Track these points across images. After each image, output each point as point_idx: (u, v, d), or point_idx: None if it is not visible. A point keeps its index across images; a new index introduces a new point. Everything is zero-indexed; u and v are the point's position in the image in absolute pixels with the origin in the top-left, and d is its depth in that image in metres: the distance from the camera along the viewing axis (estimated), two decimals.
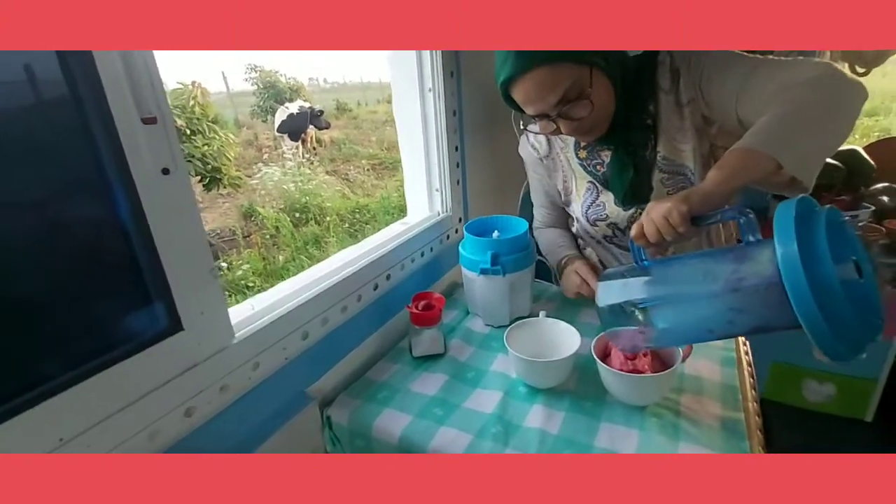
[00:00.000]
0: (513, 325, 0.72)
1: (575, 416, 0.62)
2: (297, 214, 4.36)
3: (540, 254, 0.94)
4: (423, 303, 0.78)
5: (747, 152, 0.55)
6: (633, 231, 0.58)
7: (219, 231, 4.62)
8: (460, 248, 0.85)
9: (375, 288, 0.79)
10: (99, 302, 0.44)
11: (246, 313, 0.60)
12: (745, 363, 0.72)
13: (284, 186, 4.60)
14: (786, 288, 0.42)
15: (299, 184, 4.67)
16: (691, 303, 0.52)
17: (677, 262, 0.57)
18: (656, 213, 0.56)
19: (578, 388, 0.68)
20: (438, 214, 1.02)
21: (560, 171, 0.88)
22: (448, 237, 1.02)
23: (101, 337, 0.43)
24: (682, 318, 0.53)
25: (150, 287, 0.46)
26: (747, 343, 0.77)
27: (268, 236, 3.89)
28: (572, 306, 0.90)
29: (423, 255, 0.93)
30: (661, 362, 0.63)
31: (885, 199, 1.45)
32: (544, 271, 1.01)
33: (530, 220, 0.96)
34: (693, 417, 0.60)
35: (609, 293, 0.58)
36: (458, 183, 1.03)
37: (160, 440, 0.48)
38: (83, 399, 0.42)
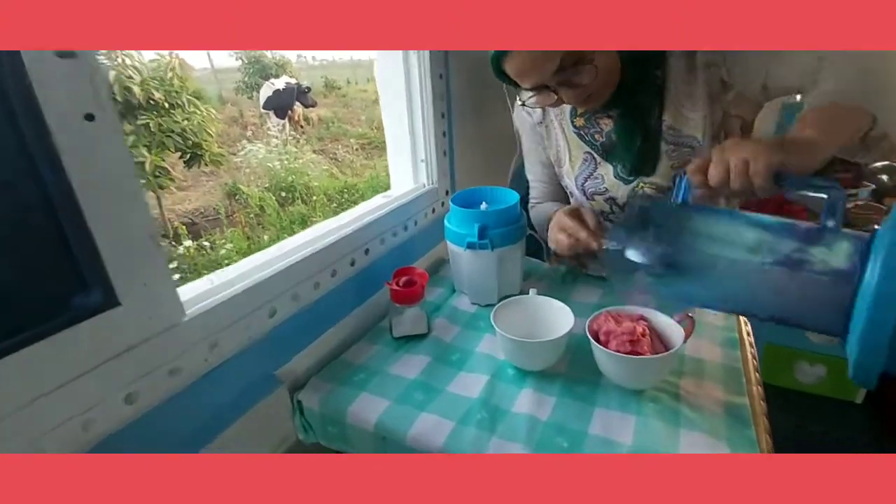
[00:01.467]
0: (501, 303, 0.66)
1: (567, 400, 0.57)
2: (283, 194, 4.25)
3: (532, 228, 0.88)
4: (404, 279, 0.72)
5: (850, 108, 0.48)
6: (694, 164, 0.49)
7: (202, 210, 4.50)
8: (446, 220, 0.79)
9: (352, 263, 0.73)
10: (8, 268, 0.37)
11: (202, 288, 0.53)
12: (747, 344, 0.67)
13: (269, 165, 4.47)
14: (867, 294, 0.37)
15: (285, 162, 4.54)
16: (725, 265, 0.46)
17: (727, 215, 0.50)
18: (736, 154, 0.46)
19: (571, 370, 0.63)
20: (424, 186, 0.96)
21: (553, 139, 0.81)
22: (434, 211, 0.95)
23: (10, 311, 0.37)
24: (705, 278, 0.47)
25: (75, 253, 0.39)
26: (748, 323, 0.73)
27: (252, 215, 3.79)
28: (565, 284, 0.85)
29: (406, 229, 0.86)
30: (661, 343, 0.58)
31: (885, 177, 1.42)
32: (536, 248, 0.95)
33: (522, 194, 0.90)
34: (694, 402, 0.56)
35: (629, 250, 0.51)
36: (444, 154, 0.97)
37: (96, 429, 0.42)
38: None
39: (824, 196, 0.43)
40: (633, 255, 0.50)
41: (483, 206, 0.79)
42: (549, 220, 0.76)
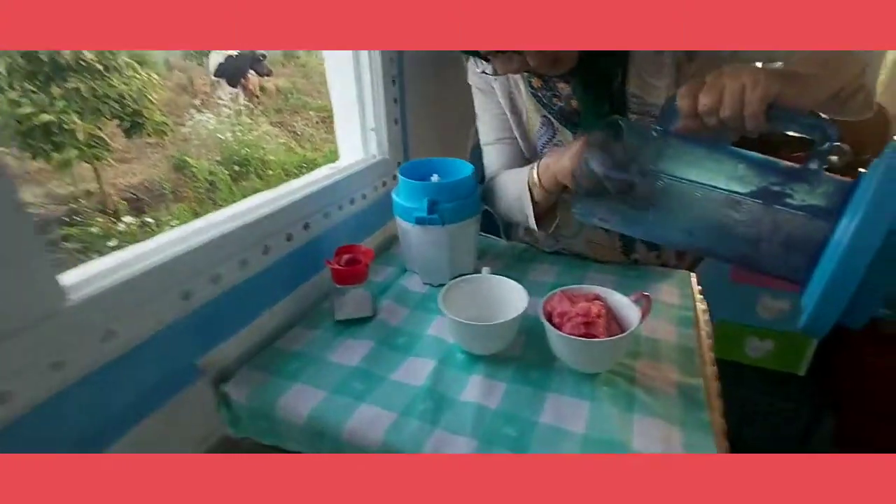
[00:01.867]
0: (450, 283, 0.61)
1: (519, 386, 0.54)
2: (237, 168, 4.02)
3: (487, 203, 0.81)
4: (346, 257, 0.65)
5: (841, 54, 0.47)
6: (685, 88, 0.46)
7: (147, 184, 4.21)
8: (394, 194, 0.73)
9: (289, 239, 0.66)
10: None
11: (94, 269, 0.45)
12: (702, 322, 0.66)
13: (221, 136, 4.20)
14: (842, 239, 0.35)
15: (238, 134, 4.29)
16: (698, 195, 0.44)
17: (707, 145, 0.47)
18: (734, 79, 0.43)
19: (525, 354, 0.59)
20: (374, 158, 0.88)
21: (508, 98, 0.75)
22: (384, 184, 0.89)
23: None
24: (675, 208, 0.46)
25: None
26: (705, 301, 0.71)
27: (201, 190, 3.56)
28: (522, 262, 0.81)
29: (353, 202, 0.79)
30: (617, 323, 0.55)
31: (835, 158, 1.45)
32: (491, 224, 0.90)
33: (482, 173, 0.83)
34: (649, 385, 0.53)
35: (602, 158, 0.49)
36: (396, 122, 0.89)
37: None
38: None
39: (821, 134, 0.41)
40: (597, 166, 0.49)
41: (434, 178, 0.73)
42: (533, 181, 0.68)
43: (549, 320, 0.55)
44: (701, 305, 0.69)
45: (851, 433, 1.34)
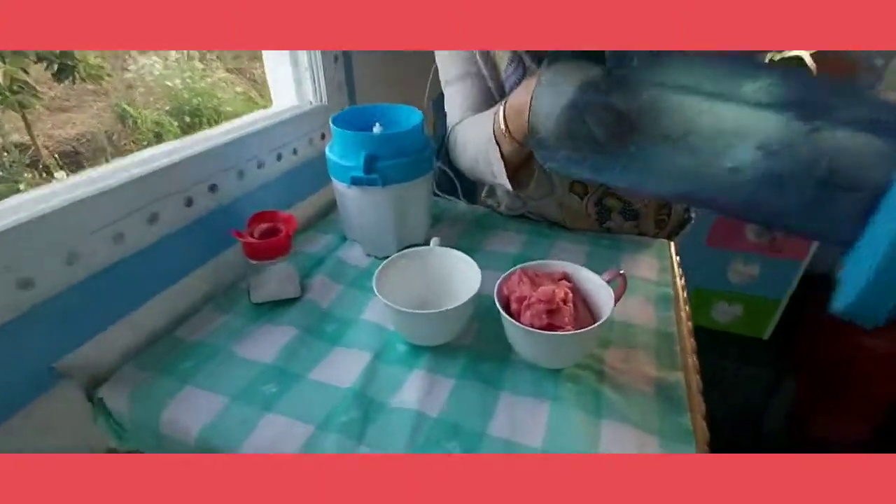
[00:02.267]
0: (389, 260, 0.51)
1: (468, 385, 0.44)
2: (188, 119, 3.69)
3: (453, 160, 0.66)
4: (263, 227, 0.53)
5: None
6: None
7: (87, 136, 3.84)
8: (327, 149, 0.60)
9: (189, 204, 0.53)
10: None
11: None
12: (681, 300, 0.57)
13: (169, 83, 3.82)
14: None
15: (189, 81, 3.91)
16: (701, 111, 0.32)
17: (721, 57, 0.35)
18: None
19: (478, 342, 0.49)
20: (310, 104, 0.74)
21: None
22: (323, 137, 0.75)
23: None
24: (667, 133, 0.34)
25: None
26: (683, 276, 0.63)
27: (145, 143, 3.26)
28: (481, 230, 0.70)
29: (280, 158, 0.66)
30: (587, 308, 0.46)
31: None
32: (446, 181, 0.79)
33: (444, 130, 0.68)
34: (620, 381, 0.45)
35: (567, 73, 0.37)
36: (335, 60, 0.75)
37: None
38: None
39: None
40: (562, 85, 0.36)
41: (376, 128, 0.60)
42: (500, 128, 0.52)
43: (507, 306, 0.45)
44: (680, 281, 0.61)
45: (806, 396, 1.35)
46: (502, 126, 0.51)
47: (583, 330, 0.40)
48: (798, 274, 1.36)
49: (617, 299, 0.45)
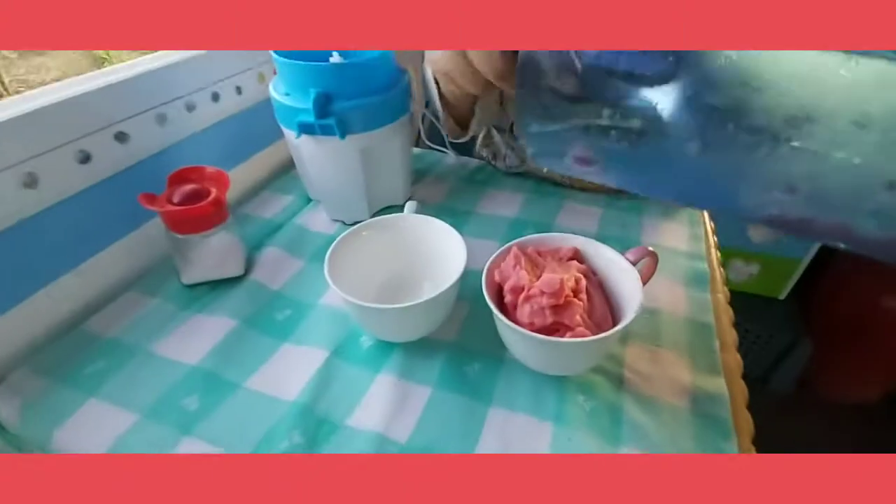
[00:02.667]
0: (349, 231, 0.39)
1: (448, 397, 0.34)
2: None
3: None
4: (186, 189, 0.41)
5: None
6: None
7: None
8: (271, 86, 0.47)
9: (86, 160, 0.41)
10: None
11: None
12: (719, 279, 0.46)
13: None
14: None
15: None
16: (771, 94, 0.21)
17: None
18: None
19: (463, 336, 0.39)
20: None
21: None
22: (275, 71, 0.61)
23: None
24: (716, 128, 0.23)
25: None
26: (718, 247, 0.52)
27: None
28: (473, 188, 0.58)
29: (217, 99, 0.53)
30: (604, 297, 0.35)
31: None
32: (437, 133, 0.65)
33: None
34: (645, 392, 0.35)
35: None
36: None
37: None
38: None
39: None
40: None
41: (334, 57, 0.47)
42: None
43: (499, 298, 0.34)
44: (716, 253, 0.50)
45: (818, 357, 1.29)
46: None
47: (598, 337, 0.30)
48: None
49: (645, 282, 0.34)
